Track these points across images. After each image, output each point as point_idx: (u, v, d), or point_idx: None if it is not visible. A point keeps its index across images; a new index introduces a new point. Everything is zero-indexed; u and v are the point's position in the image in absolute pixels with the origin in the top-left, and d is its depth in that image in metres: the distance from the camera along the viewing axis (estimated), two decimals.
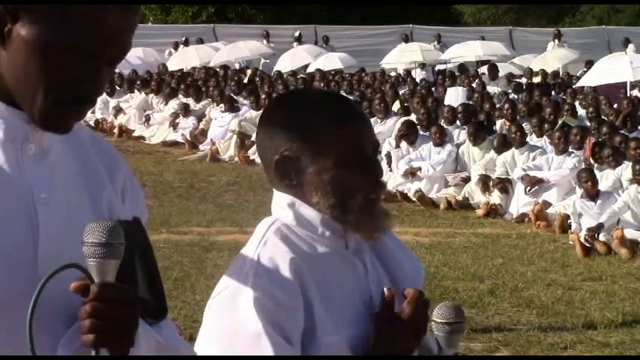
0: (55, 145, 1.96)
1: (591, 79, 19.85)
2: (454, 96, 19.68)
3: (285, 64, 27.09)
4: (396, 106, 17.56)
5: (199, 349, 2.23)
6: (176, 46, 30.82)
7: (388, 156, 13.81)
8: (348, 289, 2.30)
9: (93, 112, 21.87)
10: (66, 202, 1.94)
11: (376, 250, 2.38)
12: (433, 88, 21.57)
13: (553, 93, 20.27)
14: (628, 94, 18.50)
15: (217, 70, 25.68)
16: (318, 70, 25.07)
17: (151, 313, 1.95)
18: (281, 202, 2.32)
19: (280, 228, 2.28)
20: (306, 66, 27.00)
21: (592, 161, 11.90)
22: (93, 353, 1.80)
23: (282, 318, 2.17)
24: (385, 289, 2.28)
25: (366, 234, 2.30)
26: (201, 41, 31.14)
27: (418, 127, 14.61)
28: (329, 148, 2.26)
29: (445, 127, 14.54)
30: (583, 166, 11.72)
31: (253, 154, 17.22)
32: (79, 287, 1.81)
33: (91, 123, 21.28)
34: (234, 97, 19.82)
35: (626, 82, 19.85)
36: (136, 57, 28.00)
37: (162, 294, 1.98)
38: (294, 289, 2.20)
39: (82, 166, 2.01)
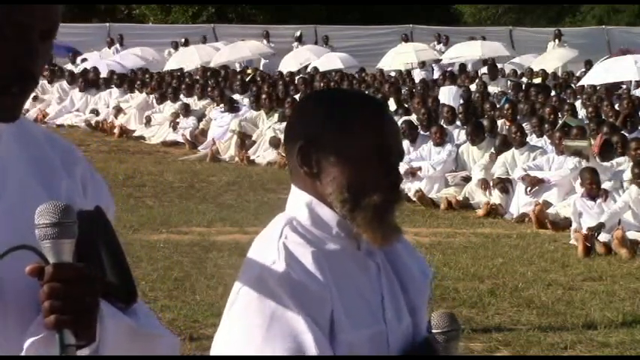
0: (4, 141, 1.96)
1: (595, 77, 19.86)
2: (447, 95, 19.73)
3: (292, 62, 27.21)
4: (391, 105, 17.55)
5: (226, 340, 2.20)
6: (176, 46, 30.83)
7: None
8: (361, 289, 2.30)
9: (92, 112, 21.92)
10: (21, 195, 1.93)
11: (385, 252, 2.39)
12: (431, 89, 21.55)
13: (553, 93, 20.26)
14: (631, 93, 18.54)
15: (218, 70, 25.68)
16: (318, 69, 25.12)
17: (120, 298, 1.94)
18: (298, 200, 2.33)
19: (296, 226, 2.28)
20: (307, 66, 27.04)
21: (598, 159, 11.89)
22: (57, 336, 1.78)
23: (315, 308, 2.18)
24: None
25: (372, 238, 2.29)
26: (204, 40, 31.18)
27: (418, 126, 14.65)
28: (359, 142, 2.27)
29: (445, 127, 14.55)
30: (584, 166, 11.71)
31: (253, 154, 17.25)
32: (33, 270, 1.80)
33: (92, 123, 21.32)
34: (237, 96, 19.85)
35: (627, 81, 19.92)
36: (135, 56, 28.00)
37: (131, 279, 1.96)
38: (323, 280, 2.20)
39: (35, 161, 2.00)
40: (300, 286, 2.17)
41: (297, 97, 19.24)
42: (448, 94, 19.97)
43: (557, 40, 30.38)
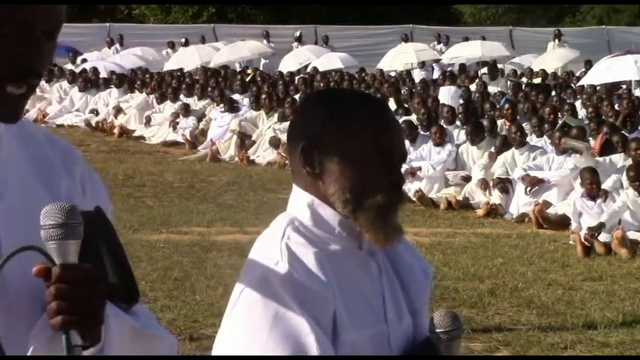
0: (5, 142, 1.96)
1: (595, 77, 19.88)
2: (446, 95, 19.75)
3: (290, 63, 27.22)
4: (391, 105, 17.58)
5: (229, 341, 2.20)
6: (172, 46, 30.79)
7: None
8: (363, 289, 2.30)
9: (92, 112, 21.92)
10: (22, 195, 1.93)
11: (386, 252, 2.38)
12: (431, 89, 21.54)
13: (553, 93, 20.28)
14: (632, 92, 18.56)
15: (218, 70, 25.68)
16: (318, 69, 25.13)
17: (122, 298, 1.94)
18: (300, 200, 2.32)
19: (298, 227, 2.28)
20: (307, 66, 27.06)
21: (598, 157, 11.89)
22: (63, 337, 1.78)
23: (317, 308, 2.18)
24: None
25: (374, 238, 2.29)
26: (203, 40, 31.17)
27: (418, 126, 14.66)
28: (360, 142, 2.27)
29: (445, 127, 14.55)
30: (583, 165, 11.72)
31: (253, 154, 17.25)
32: (40, 271, 1.80)
33: (92, 123, 21.32)
34: (237, 96, 19.87)
35: (627, 81, 19.95)
36: (134, 56, 27.99)
37: (132, 279, 1.96)
38: (325, 281, 2.20)
39: (36, 161, 2.00)
40: (302, 287, 2.17)
41: (297, 97, 19.24)
42: (447, 94, 19.97)
43: (557, 40, 30.38)
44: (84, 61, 27.77)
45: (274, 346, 2.14)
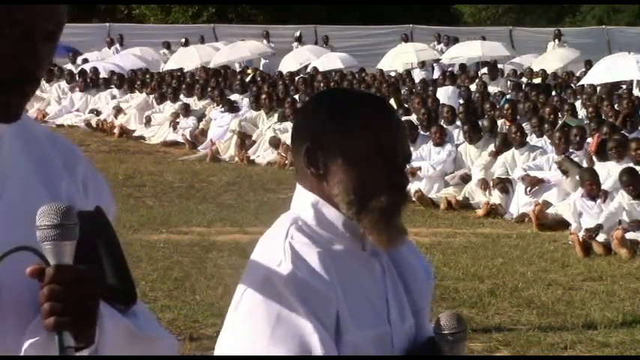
0: (5, 141, 1.96)
1: (595, 77, 19.87)
2: (444, 95, 19.76)
3: (290, 63, 27.23)
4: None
5: (231, 341, 2.20)
6: (168, 46, 30.77)
7: None
8: (366, 290, 2.30)
9: (92, 112, 21.92)
10: (21, 195, 1.93)
11: (389, 253, 2.38)
12: (430, 89, 21.55)
13: (553, 93, 20.28)
14: (632, 92, 18.57)
15: (218, 70, 25.68)
16: (318, 69, 25.13)
17: (120, 299, 1.94)
18: (304, 199, 2.32)
19: (301, 226, 2.28)
20: (307, 66, 27.07)
21: (595, 158, 11.90)
22: (56, 337, 1.78)
23: (321, 308, 2.18)
24: None
25: (377, 240, 2.28)
26: (202, 40, 31.17)
27: (418, 126, 14.66)
28: (360, 142, 2.26)
29: (445, 127, 14.56)
30: (585, 166, 11.72)
31: (253, 154, 17.25)
32: (34, 271, 1.80)
33: (92, 123, 21.32)
34: (237, 96, 19.87)
35: (627, 81, 19.94)
36: (133, 57, 27.99)
37: (131, 280, 1.96)
38: (329, 280, 2.20)
39: (36, 161, 2.00)
40: (306, 286, 2.17)
41: (297, 97, 19.24)
42: (444, 95, 19.97)
43: (557, 40, 30.39)
44: (84, 61, 27.78)
45: (276, 347, 2.14)
